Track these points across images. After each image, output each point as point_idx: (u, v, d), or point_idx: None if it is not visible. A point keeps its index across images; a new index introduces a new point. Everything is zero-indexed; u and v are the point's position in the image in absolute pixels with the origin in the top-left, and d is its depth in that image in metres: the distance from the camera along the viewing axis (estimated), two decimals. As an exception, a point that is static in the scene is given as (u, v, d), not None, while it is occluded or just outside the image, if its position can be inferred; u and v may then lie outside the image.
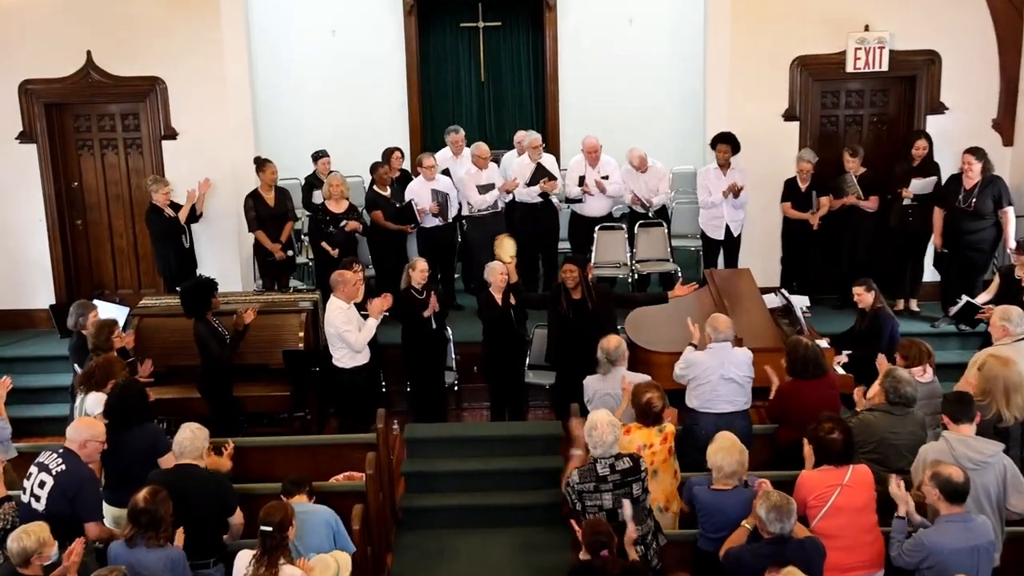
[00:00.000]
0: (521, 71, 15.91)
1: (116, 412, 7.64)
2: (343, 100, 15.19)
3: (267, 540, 6.42)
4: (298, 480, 7.47)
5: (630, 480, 6.96)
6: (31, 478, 7.10)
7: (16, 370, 11.05)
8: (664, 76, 15.16)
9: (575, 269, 9.80)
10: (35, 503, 7.00)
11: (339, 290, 9.86)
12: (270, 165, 12.08)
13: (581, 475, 6.98)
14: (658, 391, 7.73)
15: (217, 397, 9.92)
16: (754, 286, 11.03)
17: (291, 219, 12.30)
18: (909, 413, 7.63)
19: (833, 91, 12.94)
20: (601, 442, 6.96)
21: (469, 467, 9.75)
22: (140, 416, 7.71)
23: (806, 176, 12.14)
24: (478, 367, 11.31)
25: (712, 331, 8.56)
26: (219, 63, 12.54)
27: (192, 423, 7.39)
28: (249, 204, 12.01)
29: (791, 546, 6.28)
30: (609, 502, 6.93)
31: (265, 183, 12.05)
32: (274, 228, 12.07)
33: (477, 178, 12.34)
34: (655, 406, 7.60)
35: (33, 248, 12.96)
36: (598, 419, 7.06)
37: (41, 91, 12.61)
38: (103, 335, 9.13)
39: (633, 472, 6.98)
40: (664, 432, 7.71)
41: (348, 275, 9.98)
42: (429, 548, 9.14)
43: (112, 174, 13.13)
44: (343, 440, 9.35)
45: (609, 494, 6.93)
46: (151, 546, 6.45)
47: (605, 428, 6.99)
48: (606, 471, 6.94)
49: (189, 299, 9.92)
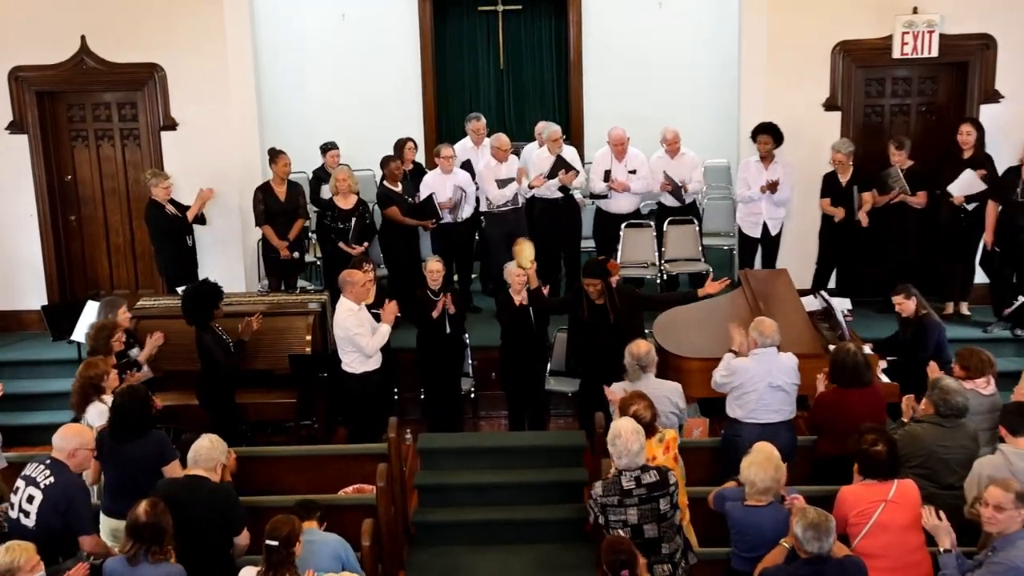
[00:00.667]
0: (543, 58, 15.94)
1: (116, 421, 7.64)
2: (354, 89, 15.23)
3: (272, 555, 6.40)
4: (308, 504, 7.46)
5: (657, 495, 6.93)
6: (18, 492, 7.12)
7: (6, 375, 11.19)
8: (696, 63, 15.14)
9: (597, 283, 9.73)
10: (24, 519, 7.02)
11: (348, 291, 9.85)
12: (283, 157, 12.10)
13: (605, 488, 6.96)
14: (644, 400, 7.69)
15: (217, 405, 9.90)
16: (792, 288, 10.99)
17: (302, 216, 12.31)
18: (960, 425, 7.58)
19: (878, 79, 12.87)
20: (626, 451, 6.93)
21: (486, 480, 9.74)
22: (141, 425, 7.66)
23: (844, 169, 12.07)
24: (496, 373, 11.31)
25: (758, 335, 8.51)
26: (222, 49, 12.56)
27: (212, 435, 7.38)
28: (258, 197, 12.05)
29: (830, 567, 6.25)
30: (635, 518, 6.91)
31: (277, 176, 12.08)
32: (283, 224, 12.11)
33: (496, 172, 12.29)
34: (642, 417, 7.50)
35: (24, 246, 12.99)
36: (622, 427, 7.04)
37: (32, 78, 12.64)
38: (102, 337, 9.17)
39: (660, 487, 6.95)
40: (665, 441, 7.70)
41: (357, 275, 9.95)
42: (444, 566, 9.12)
43: (108, 167, 13.16)
44: (353, 450, 9.34)
45: (635, 509, 6.91)
46: (156, 561, 6.45)
47: (630, 436, 6.97)
48: (631, 484, 6.92)
49: (192, 306, 9.86)
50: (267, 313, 10.51)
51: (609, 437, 7.04)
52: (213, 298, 9.91)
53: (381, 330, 9.93)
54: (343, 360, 9.99)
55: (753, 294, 10.59)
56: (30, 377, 12.05)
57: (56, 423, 9.20)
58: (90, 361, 8.67)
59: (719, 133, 14.08)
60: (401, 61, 15.42)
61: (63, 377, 11.28)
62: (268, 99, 13.85)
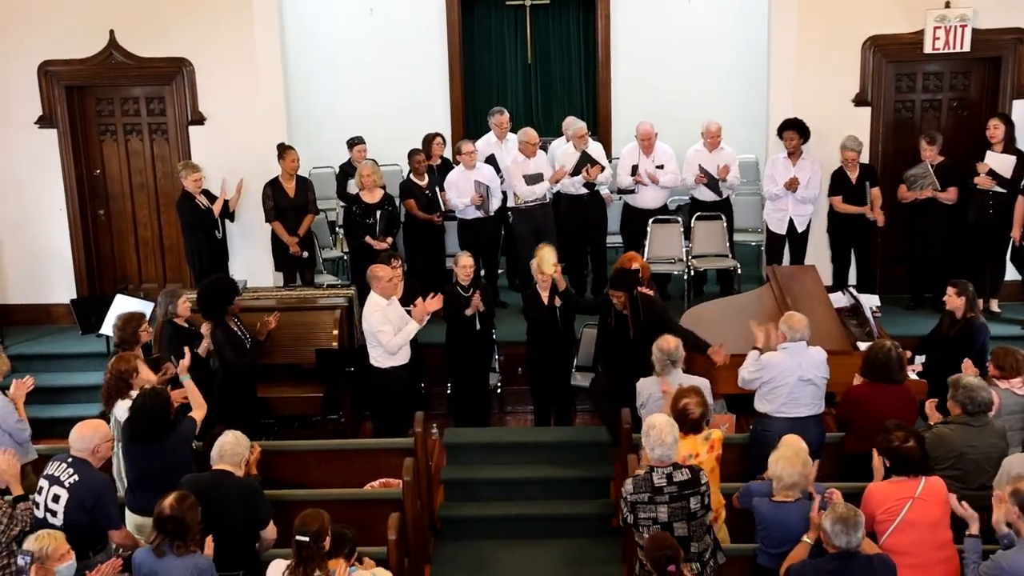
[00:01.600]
0: (571, 53, 15.94)
1: (136, 423, 7.62)
2: (381, 83, 15.26)
3: (302, 550, 6.39)
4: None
5: (688, 493, 6.93)
6: (43, 492, 7.16)
7: (35, 368, 11.23)
8: (724, 58, 15.12)
9: (622, 296, 9.65)
10: (51, 518, 7.06)
11: (375, 286, 9.85)
12: (290, 152, 12.13)
13: (635, 485, 6.95)
14: (697, 396, 7.66)
15: (235, 400, 9.83)
16: (820, 284, 10.98)
17: (312, 212, 12.33)
18: (988, 424, 7.57)
19: (909, 74, 12.82)
20: (660, 442, 6.90)
21: (512, 475, 9.80)
22: (161, 428, 7.61)
23: (853, 166, 12.05)
24: (522, 368, 11.34)
25: (788, 330, 8.49)
26: (250, 44, 12.61)
27: (236, 431, 7.39)
28: (267, 193, 12.10)
29: (858, 563, 6.25)
30: (664, 515, 6.89)
31: (285, 171, 12.12)
32: (293, 220, 12.14)
33: (525, 167, 12.29)
34: (691, 413, 7.53)
35: (53, 240, 13.09)
36: (656, 419, 7.04)
37: (62, 73, 12.73)
38: (129, 329, 9.21)
39: (692, 485, 6.94)
40: (711, 440, 7.67)
41: (382, 271, 9.93)
42: (469, 560, 9.18)
43: (136, 161, 13.23)
44: (379, 445, 9.37)
45: (665, 507, 6.90)
46: (179, 554, 6.47)
47: (664, 427, 6.95)
48: (663, 482, 6.91)
49: (207, 299, 9.87)
50: (294, 308, 10.57)
51: (643, 428, 7.04)
52: (227, 293, 9.91)
53: (407, 328, 9.89)
54: (371, 354, 9.99)
55: (781, 290, 10.57)
56: (59, 370, 12.11)
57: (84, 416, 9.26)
58: (121, 356, 8.69)
59: (748, 129, 14.02)
60: (429, 56, 15.44)
61: (92, 371, 11.38)
62: (296, 94, 13.88)
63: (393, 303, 9.97)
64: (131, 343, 9.10)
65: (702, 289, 13.13)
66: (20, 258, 13.14)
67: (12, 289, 13.17)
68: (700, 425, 7.61)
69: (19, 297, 13.20)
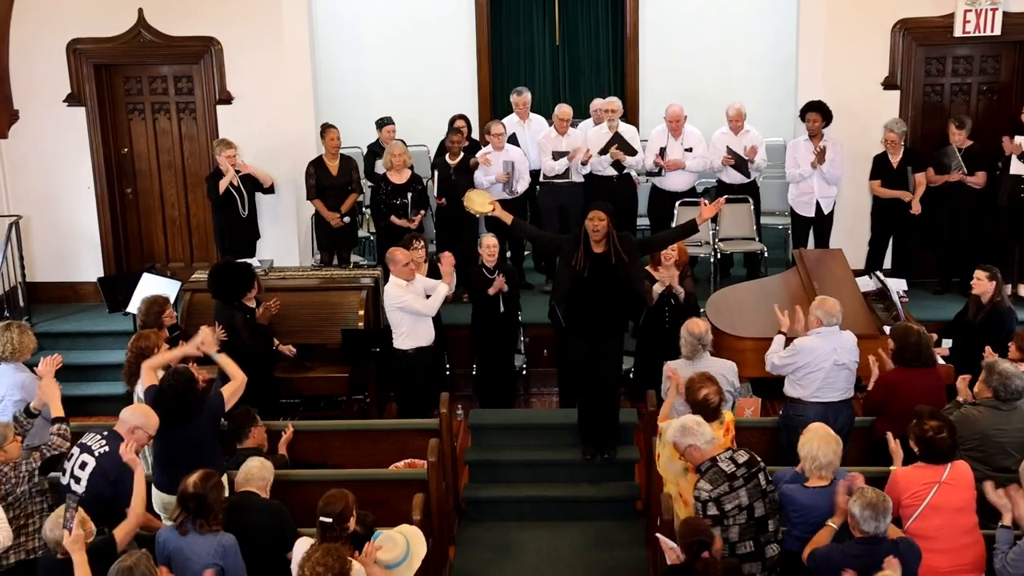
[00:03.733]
0: (599, 34, 15.87)
1: (162, 404, 7.62)
2: (408, 64, 15.22)
3: (327, 532, 6.39)
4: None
5: (755, 471, 6.92)
6: (72, 459, 7.25)
7: (62, 346, 11.34)
8: (753, 41, 15.03)
9: (604, 218, 8.98)
10: (75, 484, 7.12)
11: (393, 269, 9.85)
12: (331, 131, 12.19)
13: (711, 480, 6.85)
14: (714, 385, 7.66)
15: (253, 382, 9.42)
16: (847, 268, 10.96)
17: (355, 191, 12.39)
18: (1016, 408, 7.55)
19: (939, 57, 12.77)
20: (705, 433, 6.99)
21: (537, 456, 9.80)
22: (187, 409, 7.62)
23: (896, 149, 12.00)
24: (548, 350, 11.35)
25: (823, 315, 8.45)
26: (278, 23, 12.65)
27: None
28: (310, 171, 12.16)
29: (885, 547, 6.26)
30: (746, 499, 6.83)
31: (328, 150, 12.17)
32: (335, 200, 12.22)
33: (556, 143, 12.28)
34: (712, 402, 7.55)
35: (81, 218, 13.18)
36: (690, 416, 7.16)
37: (90, 51, 12.79)
38: (152, 313, 9.27)
39: (753, 463, 6.95)
40: (725, 424, 7.70)
41: (401, 254, 9.87)
42: (494, 542, 9.20)
43: (164, 140, 13.30)
44: (404, 425, 9.39)
45: (744, 490, 6.84)
46: (202, 532, 6.52)
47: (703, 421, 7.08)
48: (732, 467, 6.89)
49: (217, 282, 9.83)
50: (320, 288, 10.62)
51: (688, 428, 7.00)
52: (240, 280, 9.81)
53: (439, 290, 9.88)
54: (394, 336, 10.00)
55: (808, 274, 10.56)
56: (87, 348, 12.24)
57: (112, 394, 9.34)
58: (142, 333, 8.76)
59: (776, 112, 13.98)
60: (457, 37, 15.39)
61: (119, 349, 11.35)
62: (324, 74, 13.92)
63: (416, 281, 9.96)
64: (155, 327, 9.14)
65: (728, 272, 13.15)
66: (48, 236, 13.22)
67: (39, 267, 13.25)
68: (719, 412, 7.64)
69: (46, 275, 13.28)
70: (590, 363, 9.28)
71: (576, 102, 14.40)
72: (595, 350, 9.23)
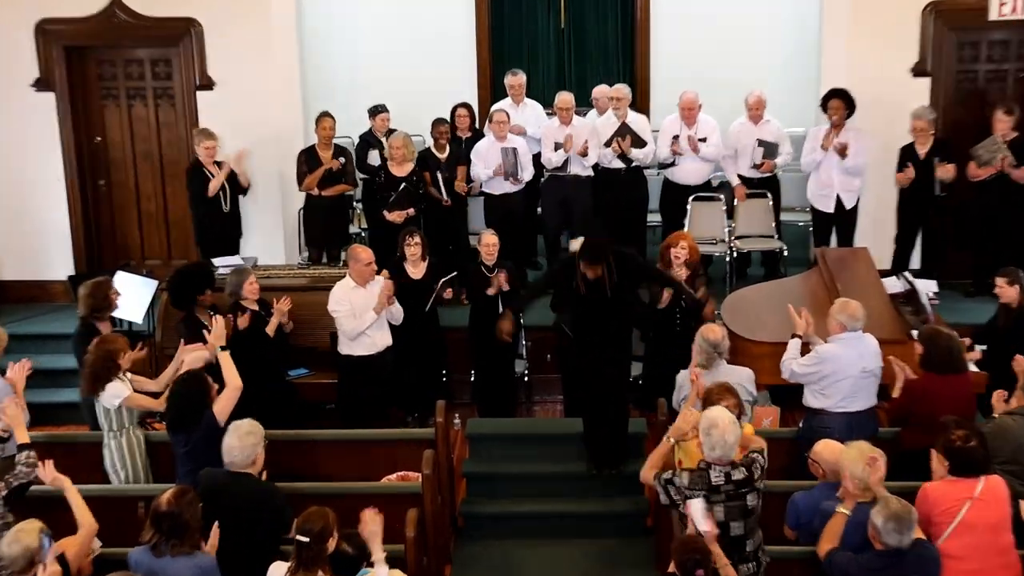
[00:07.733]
0: (607, 17, 15.85)
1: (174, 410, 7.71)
2: (404, 48, 15.17)
3: (303, 552, 6.30)
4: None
5: (744, 492, 6.91)
6: None
7: (31, 350, 11.19)
8: (773, 24, 15.01)
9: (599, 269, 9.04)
10: None
11: (351, 267, 9.88)
12: (325, 119, 12.19)
13: (691, 480, 6.89)
14: (734, 398, 7.66)
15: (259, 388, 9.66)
16: (872, 268, 10.96)
17: (349, 183, 12.43)
18: (1054, 419, 7.56)
19: (972, 42, 12.77)
20: (721, 442, 6.87)
21: (539, 469, 9.77)
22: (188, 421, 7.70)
23: (924, 138, 11.93)
24: (551, 355, 11.34)
25: (847, 319, 8.41)
26: (262, 3, 12.66)
27: (241, 424, 7.30)
28: (301, 159, 12.17)
29: (908, 560, 6.27)
30: (721, 515, 6.83)
31: (321, 140, 12.19)
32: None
33: (559, 134, 12.27)
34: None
35: (50, 211, 13.16)
36: (719, 416, 6.97)
37: (61, 32, 12.77)
38: (100, 294, 9.29)
39: (747, 483, 6.93)
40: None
41: (363, 252, 9.94)
42: (493, 560, 9.18)
43: (140, 128, 13.29)
44: (397, 436, 9.40)
45: (721, 507, 6.85)
46: (175, 554, 6.42)
47: (728, 427, 6.92)
48: (720, 480, 6.88)
49: (174, 285, 9.90)
50: (308, 287, 10.61)
51: (703, 426, 6.96)
52: (197, 282, 9.86)
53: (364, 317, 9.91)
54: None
55: (830, 275, 10.55)
56: (57, 352, 11.99)
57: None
58: (105, 336, 8.75)
59: (798, 100, 13.95)
60: (455, 19, 15.36)
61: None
62: (312, 59, 13.90)
63: (368, 289, 9.96)
64: (103, 308, 9.17)
65: (745, 272, 13.12)
66: (14, 231, 13.20)
67: (6, 265, 13.27)
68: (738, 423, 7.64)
69: (13, 273, 13.29)
70: (596, 371, 9.29)
71: (582, 89, 14.41)
72: (601, 358, 9.26)
